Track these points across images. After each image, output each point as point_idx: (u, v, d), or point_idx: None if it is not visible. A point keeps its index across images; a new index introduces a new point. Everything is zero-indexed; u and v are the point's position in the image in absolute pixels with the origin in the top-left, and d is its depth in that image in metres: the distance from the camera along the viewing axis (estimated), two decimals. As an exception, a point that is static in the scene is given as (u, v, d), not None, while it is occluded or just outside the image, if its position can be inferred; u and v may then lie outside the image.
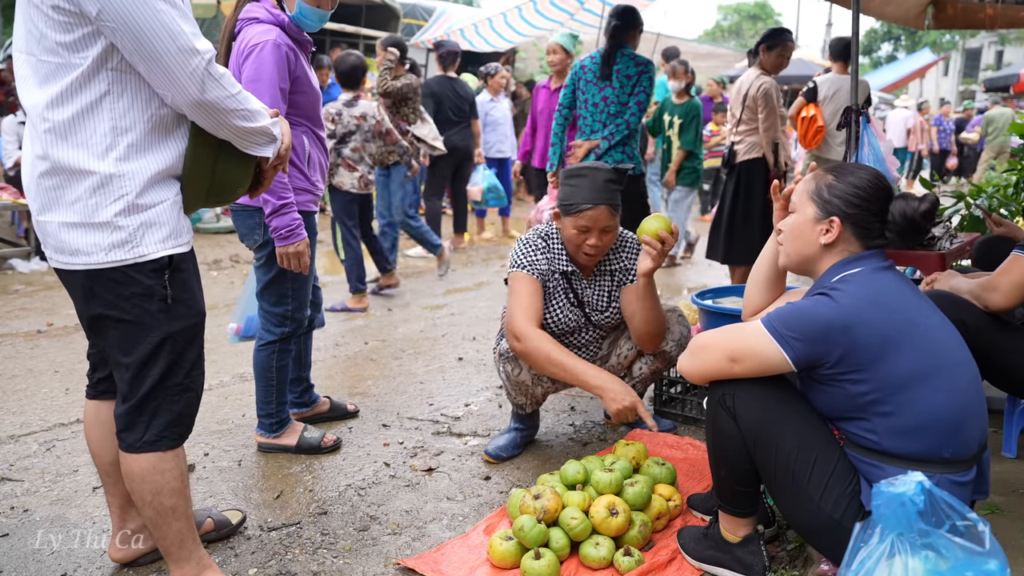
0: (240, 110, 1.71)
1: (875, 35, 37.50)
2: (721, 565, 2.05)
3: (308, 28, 2.68)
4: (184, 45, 1.59)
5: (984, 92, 17.60)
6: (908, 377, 1.68)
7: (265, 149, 1.81)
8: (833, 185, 1.87)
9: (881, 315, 1.71)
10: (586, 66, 4.39)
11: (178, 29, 1.58)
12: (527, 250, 2.72)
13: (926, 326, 1.74)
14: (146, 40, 1.56)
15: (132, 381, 1.78)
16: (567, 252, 2.73)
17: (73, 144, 1.63)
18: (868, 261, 1.83)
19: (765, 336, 1.76)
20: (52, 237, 1.71)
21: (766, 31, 4.95)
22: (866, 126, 3.67)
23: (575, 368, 2.49)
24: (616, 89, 4.26)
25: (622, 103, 4.26)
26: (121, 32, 1.56)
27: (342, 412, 3.26)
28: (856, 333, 1.69)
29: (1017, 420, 2.59)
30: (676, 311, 2.89)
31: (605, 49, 4.32)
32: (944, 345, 1.74)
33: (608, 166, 2.64)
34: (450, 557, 2.17)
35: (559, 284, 2.75)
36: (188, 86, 1.62)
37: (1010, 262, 2.29)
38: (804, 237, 1.90)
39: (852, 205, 1.84)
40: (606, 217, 2.59)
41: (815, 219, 1.88)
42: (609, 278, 2.79)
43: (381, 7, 11.69)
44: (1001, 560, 1.39)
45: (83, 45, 1.60)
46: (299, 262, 2.59)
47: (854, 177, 1.87)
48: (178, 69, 1.60)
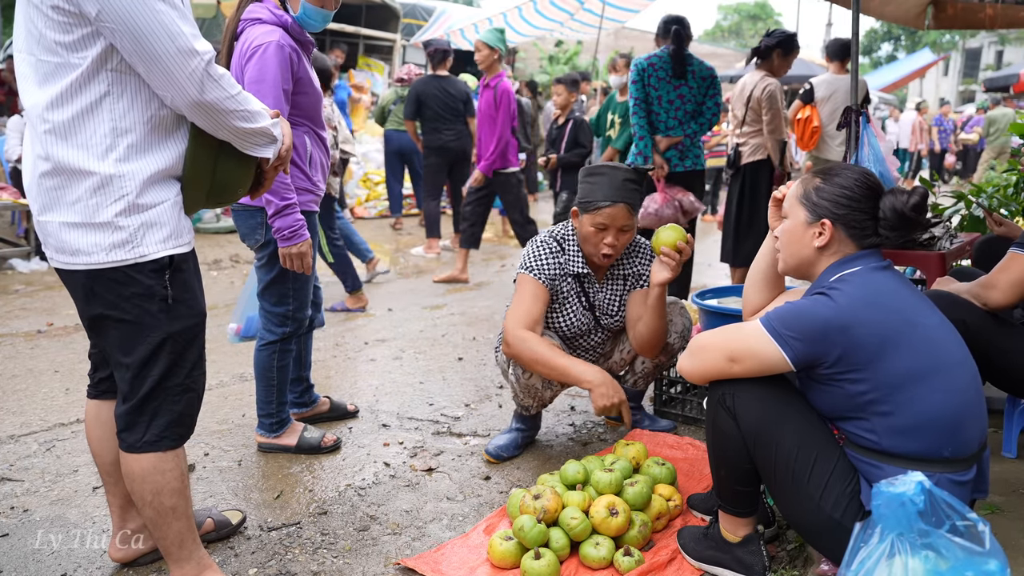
0: (240, 111, 1.70)
1: (875, 35, 37.49)
2: (721, 565, 2.05)
3: (312, 28, 2.68)
4: (183, 46, 1.59)
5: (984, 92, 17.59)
6: (906, 377, 1.69)
7: (265, 150, 1.81)
8: (821, 188, 1.88)
9: (879, 315, 1.71)
10: (654, 64, 4.52)
11: (177, 30, 1.58)
12: (538, 253, 2.73)
13: (924, 326, 1.74)
14: (145, 41, 1.56)
15: (132, 381, 1.78)
16: (582, 254, 2.74)
17: (73, 144, 1.64)
18: (865, 260, 1.83)
19: (764, 336, 1.76)
20: (53, 237, 1.71)
21: (778, 35, 4.87)
22: (866, 126, 3.67)
23: (562, 365, 2.52)
24: (692, 89, 4.50)
25: (698, 102, 4.51)
26: (120, 33, 1.56)
27: (342, 412, 3.26)
28: (854, 333, 1.69)
29: (1017, 420, 2.59)
30: (678, 303, 2.90)
31: (674, 49, 4.50)
32: (942, 345, 1.74)
33: (627, 166, 2.65)
34: (450, 557, 2.17)
35: (572, 287, 2.75)
36: (187, 87, 1.61)
37: (1008, 259, 2.30)
38: (798, 241, 1.91)
39: (841, 206, 1.85)
40: (624, 216, 2.60)
41: (807, 223, 1.89)
42: (622, 282, 2.80)
43: (381, 7, 11.70)
44: (1001, 560, 1.39)
45: (82, 45, 1.60)
46: (302, 263, 2.60)
47: (841, 178, 1.87)
48: (177, 70, 1.59)
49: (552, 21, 11.64)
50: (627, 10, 10.99)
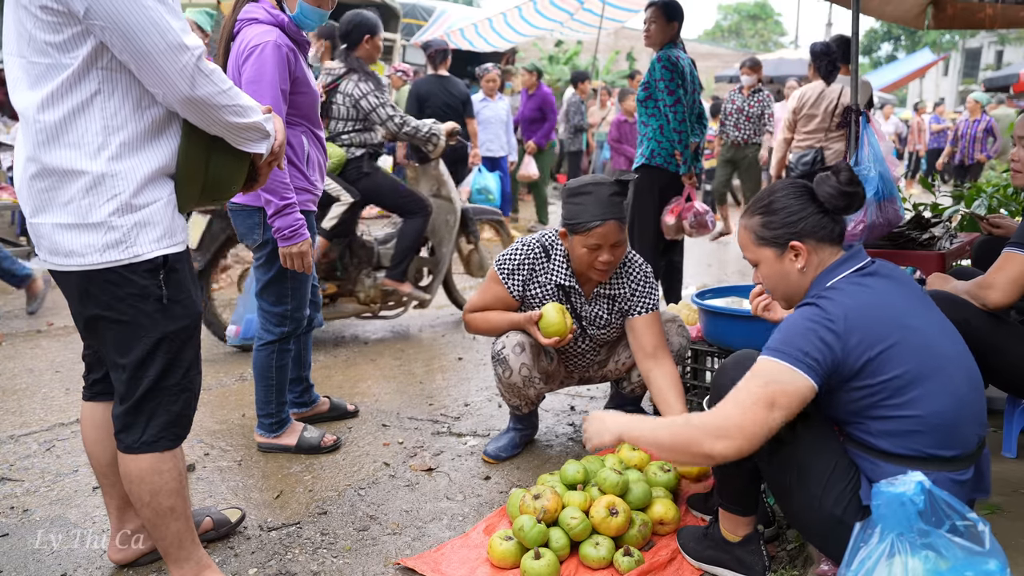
0: (231, 106, 1.69)
1: (875, 35, 37.47)
2: (721, 565, 2.05)
3: (308, 28, 2.68)
4: (173, 41, 1.58)
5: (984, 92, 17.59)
6: (902, 381, 1.68)
7: (259, 145, 1.80)
8: (767, 220, 1.89)
9: (871, 321, 1.70)
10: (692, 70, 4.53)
11: (167, 25, 1.57)
12: (519, 258, 2.74)
13: (917, 327, 1.73)
14: (135, 37, 1.55)
15: (129, 382, 1.77)
16: (569, 265, 2.71)
17: (65, 144, 1.63)
18: (850, 263, 1.83)
19: (778, 364, 1.69)
20: (46, 239, 1.70)
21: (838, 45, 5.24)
22: (866, 126, 3.66)
23: (506, 318, 2.71)
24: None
25: None
26: (110, 30, 1.55)
27: (342, 412, 3.26)
28: (848, 340, 1.68)
29: (1017, 420, 2.59)
30: (676, 321, 2.88)
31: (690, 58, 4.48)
32: (937, 345, 1.74)
33: (610, 180, 2.59)
34: (450, 557, 2.17)
35: (555, 296, 2.74)
36: (178, 82, 1.61)
37: (1003, 259, 2.31)
38: (783, 276, 1.91)
39: (794, 222, 1.86)
40: (615, 231, 2.56)
41: (778, 256, 1.89)
42: (608, 302, 2.76)
43: (381, 7, 11.68)
44: (1001, 560, 1.39)
45: (72, 45, 1.59)
46: (302, 262, 2.59)
47: (775, 202, 1.89)
48: (168, 65, 1.59)
49: (552, 21, 11.64)
50: (627, 10, 10.99)
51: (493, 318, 2.75)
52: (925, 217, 3.55)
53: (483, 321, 2.77)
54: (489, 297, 2.77)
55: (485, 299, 2.78)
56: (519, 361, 2.67)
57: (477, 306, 2.80)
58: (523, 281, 2.74)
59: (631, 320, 2.74)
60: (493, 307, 2.77)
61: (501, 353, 2.70)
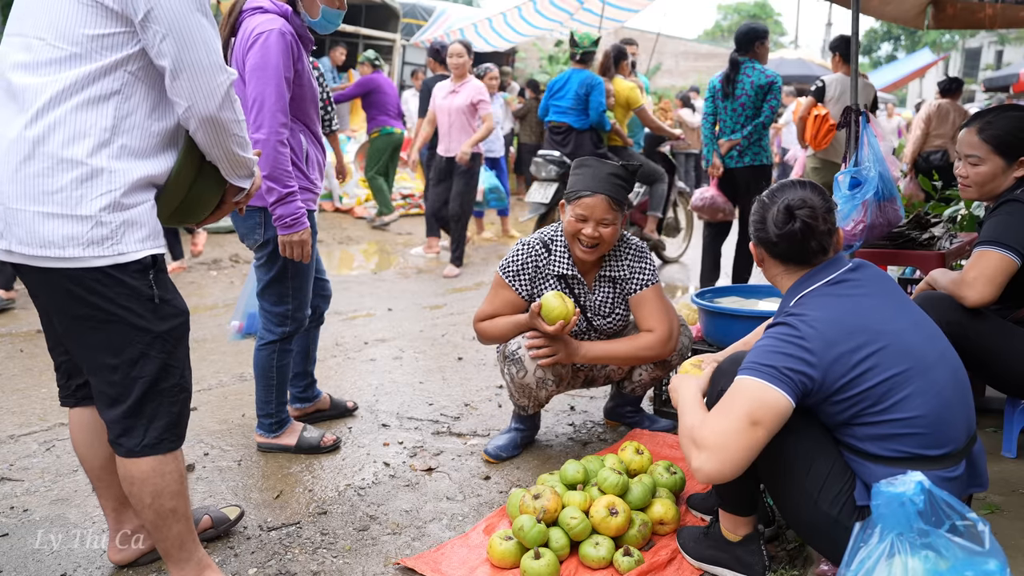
0: (240, 136, 1.77)
1: (875, 35, 37.47)
2: (721, 564, 2.05)
3: (328, 30, 2.73)
4: (216, 61, 1.67)
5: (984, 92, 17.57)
6: (883, 389, 1.68)
7: (243, 181, 1.86)
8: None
9: (844, 334, 1.71)
10: (716, 86, 5.18)
11: (215, 46, 1.67)
12: (521, 259, 2.76)
13: (893, 332, 1.73)
14: (188, 47, 1.63)
15: (123, 382, 1.74)
16: (570, 255, 2.73)
17: (69, 133, 1.62)
18: (819, 275, 1.84)
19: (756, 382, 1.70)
20: (21, 227, 1.62)
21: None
22: (866, 126, 3.66)
23: (512, 320, 2.70)
24: (751, 97, 5.01)
25: (756, 107, 5.03)
26: (168, 36, 1.61)
27: (342, 409, 3.26)
28: (824, 356, 1.69)
29: (1017, 420, 2.59)
30: (679, 321, 2.89)
31: (725, 71, 5.12)
32: (915, 348, 1.73)
33: (616, 163, 2.66)
34: (450, 557, 2.17)
35: (557, 287, 2.75)
36: (209, 99, 1.67)
37: (975, 257, 2.34)
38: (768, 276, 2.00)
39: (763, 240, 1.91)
40: (603, 208, 2.59)
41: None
42: (611, 285, 2.79)
43: (381, 7, 11.68)
44: (1001, 560, 1.39)
45: (111, 42, 1.62)
46: (302, 251, 2.59)
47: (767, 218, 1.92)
48: (206, 81, 1.66)
49: (552, 21, 11.64)
50: (627, 10, 11.00)
51: (501, 323, 2.74)
52: (925, 217, 3.55)
53: (492, 328, 2.76)
54: (499, 303, 2.77)
55: (495, 306, 2.78)
56: (535, 362, 2.67)
57: (487, 314, 2.79)
58: (530, 280, 2.74)
59: (631, 299, 2.78)
60: (503, 313, 2.76)
61: (516, 353, 2.70)
